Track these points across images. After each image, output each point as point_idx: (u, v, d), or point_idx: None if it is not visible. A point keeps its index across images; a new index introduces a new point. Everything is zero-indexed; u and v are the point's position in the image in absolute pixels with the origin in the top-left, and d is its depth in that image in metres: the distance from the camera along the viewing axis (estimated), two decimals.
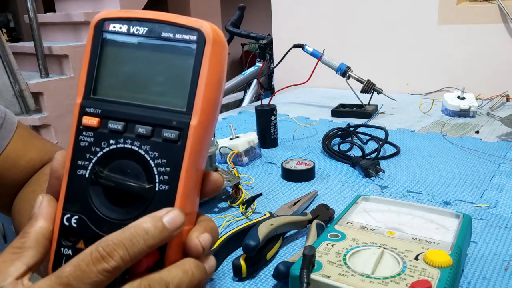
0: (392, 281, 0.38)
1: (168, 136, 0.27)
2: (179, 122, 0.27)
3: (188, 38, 0.27)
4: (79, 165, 0.28)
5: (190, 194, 0.28)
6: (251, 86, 2.00)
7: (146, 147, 0.28)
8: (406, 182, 0.72)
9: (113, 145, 0.28)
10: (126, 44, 0.29)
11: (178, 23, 0.28)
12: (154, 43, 0.28)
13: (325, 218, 0.57)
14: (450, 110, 1.11)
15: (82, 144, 0.28)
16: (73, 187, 0.29)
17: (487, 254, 0.51)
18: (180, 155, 0.27)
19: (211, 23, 0.28)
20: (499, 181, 0.70)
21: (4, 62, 2.17)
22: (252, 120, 1.15)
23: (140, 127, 0.28)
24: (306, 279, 0.38)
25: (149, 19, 0.28)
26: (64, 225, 0.29)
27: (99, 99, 0.29)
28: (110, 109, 0.28)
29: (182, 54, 0.28)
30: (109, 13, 0.29)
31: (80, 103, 0.29)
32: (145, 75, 0.28)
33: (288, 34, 1.65)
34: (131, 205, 0.28)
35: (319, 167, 0.79)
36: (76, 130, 0.29)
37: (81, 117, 0.29)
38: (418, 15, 1.41)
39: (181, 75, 0.28)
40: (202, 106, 0.27)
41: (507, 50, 1.29)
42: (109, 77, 0.29)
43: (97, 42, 0.29)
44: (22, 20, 3.38)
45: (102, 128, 0.28)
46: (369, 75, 1.21)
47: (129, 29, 0.28)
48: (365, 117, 1.14)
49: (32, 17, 2.32)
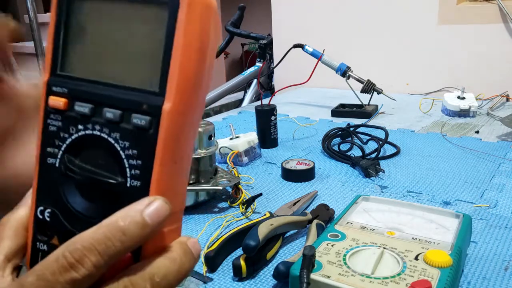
0: (392, 281, 0.38)
1: (138, 123, 0.23)
2: (150, 106, 0.22)
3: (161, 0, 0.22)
4: (49, 153, 0.25)
5: (167, 191, 0.23)
6: (251, 86, 2.00)
7: (116, 134, 0.23)
8: (406, 182, 0.72)
9: (81, 131, 0.24)
10: (94, 8, 0.24)
11: None
12: (122, 6, 0.23)
13: (325, 218, 0.57)
14: (450, 110, 1.11)
15: (50, 128, 0.25)
16: (44, 177, 0.25)
17: (487, 254, 0.51)
18: (152, 146, 0.23)
19: None
20: (499, 181, 0.70)
21: None
22: (252, 120, 1.15)
23: (108, 111, 0.23)
24: (306, 279, 0.38)
25: None
26: (38, 218, 0.26)
27: (66, 75, 0.25)
28: (76, 88, 0.24)
29: (154, 20, 0.22)
30: None
31: (47, 80, 0.25)
32: (115, 47, 0.24)
33: (288, 34, 1.65)
34: (104, 200, 0.24)
35: (319, 167, 0.79)
36: (44, 112, 0.25)
37: (48, 96, 0.25)
38: (418, 15, 1.41)
39: (153, 48, 0.22)
40: (177, 86, 0.22)
41: (507, 50, 1.29)
42: (76, 50, 0.25)
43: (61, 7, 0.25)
44: (22, 20, 3.38)
45: (70, 111, 0.24)
46: (369, 75, 1.21)
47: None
48: (365, 117, 1.14)
49: (32, 17, 2.32)
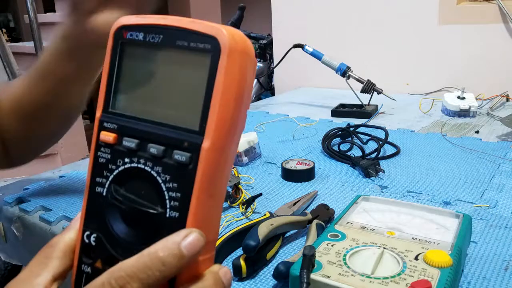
0: (392, 281, 0.38)
1: (179, 159, 0.25)
2: (191, 144, 0.25)
3: (203, 46, 0.24)
4: (98, 182, 0.28)
5: (203, 223, 0.25)
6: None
7: (158, 168, 0.26)
8: (406, 182, 0.72)
9: (127, 163, 0.27)
10: (143, 54, 0.27)
11: (192, 29, 0.25)
12: (169, 52, 0.26)
13: (325, 218, 0.57)
14: (450, 110, 1.11)
15: (100, 160, 0.28)
16: (92, 204, 0.28)
17: (487, 254, 0.51)
18: (190, 180, 0.24)
19: (232, 28, 0.25)
20: (499, 181, 0.70)
21: (4, 62, 2.17)
22: (252, 120, 1.15)
23: (152, 147, 0.26)
24: (306, 279, 0.38)
25: (164, 25, 0.26)
26: (84, 241, 0.28)
27: (116, 113, 0.27)
28: (125, 125, 0.27)
29: (197, 65, 0.25)
30: (126, 20, 0.27)
31: (99, 117, 0.28)
32: (160, 88, 0.26)
33: (288, 34, 1.65)
34: (145, 228, 0.26)
35: (319, 167, 0.79)
36: (96, 145, 0.28)
37: (100, 132, 0.28)
38: (418, 15, 1.41)
39: (194, 90, 0.25)
40: (216, 127, 0.24)
41: (507, 50, 1.29)
42: (126, 90, 0.28)
43: (115, 52, 0.27)
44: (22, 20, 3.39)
45: (118, 145, 0.27)
46: (369, 75, 1.21)
47: (145, 37, 0.26)
48: (365, 117, 1.14)
49: (32, 17, 2.32)
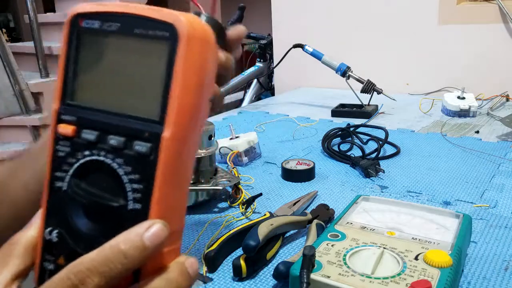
0: (392, 281, 0.38)
1: (140, 149, 0.24)
2: (151, 134, 0.24)
3: (161, 34, 0.24)
4: (57, 177, 0.27)
5: (167, 214, 0.25)
6: (251, 86, 2.00)
7: (119, 160, 0.25)
8: (406, 182, 0.72)
9: (87, 156, 0.26)
10: (99, 42, 0.26)
11: (149, 16, 0.24)
12: (127, 40, 0.25)
13: (325, 218, 0.57)
14: (450, 110, 1.11)
15: (59, 154, 0.27)
16: (52, 199, 0.27)
17: (487, 254, 0.51)
18: (152, 171, 0.24)
19: (190, 15, 0.24)
20: (499, 181, 0.70)
21: (4, 62, 2.17)
22: (252, 120, 1.15)
23: (112, 138, 0.25)
24: (306, 279, 0.38)
25: (122, 13, 0.25)
26: (46, 238, 0.27)
27: (75, 105, 0.26)
28: (84, 116, 0.26)
29: (155, 53, 0.24)
30: (83, 7, 0.26)
31: (57, 109, 0.27)
32: (119, 78, 0.26)
33: (288, 34, 1.65)
34: (107, 221, 0.25)
35: (319, 167, 0.79)
36: (54, 138, 0.27)
37: (57, 124, 0.27)
38: (418, 15, 1.41)
39: (153, 79, 0.24)
40: (176, 116, 0.24)
41: (507, 50, 1.29)
42: (84, 81, 0.27)
43: (71, 41, 0.26)
44: (22, 20, 3.39)
45: (77, 138, 0.26)
46: (369, 75, 1.21)
47: (102, 25, 0.25)
48: (365, 117, 1.14)
49: (32, 17, 2.32)
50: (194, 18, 0.24)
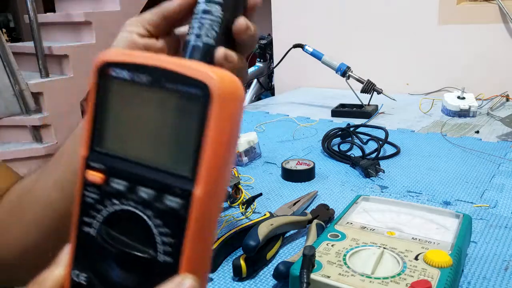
0: (392, 281, 0.38)
1: (171, 205, 0.24)
2: (182, 190, 0.24)
3: (193, 91, 0.24)
4: (85, 222, 0.27)
5: (196, 267, 0.25)
6: (251, 86, 2.00)
7: (149, 212, 0.25)
8: (406, 182, 0.72)
9: (117, 205, 0.26)
10: (129, 92, 0.26)
11: (181, 72, 0.24)
12: (157, 93, 0.25)
13: (325, 218, 0.57)
14: (450, 110, 1.11)
15: (87, 200, 0.27)
16: (80, 243, 0.27)
17: (487, 254, 0.51)
18: (182, 226, 0.24)
19: (222, 70, 0.24)
20: (499, 181, 0.70)
21: (4, 62, 2.17)
22: (252, 120, 1.16)
23: (143, 190, 0.25)
24: (306, 279, 0.38)
25: (152, 66, 0.25)
26: (74, 281, 0.27)
27: (103, 152, 0.27)
28: (113, 165, 0.26)
29: (186, 110, 0.24)
30: (111, 56, 0.26)
31: (85, 155, 0.27)
32: (148, 129, 0.26)
33: (288, 34, 1.65)
34: (137, 270, 0.25)
35: (319, 167, 0.79)
36: (82, 184, 0.27)
37: (86, 170, 0.27)
38: (418, 15, 1.41)
39: (185, 136, 0.24)
40: (207, 173, 0.24)
41: (507, 50, 1.29)
42: (113, 128, 0.27)
43: (100, 89, 0.26)
44: (22, 20, 3.39)
45: (106, 186, 0.26)
46: (369, 75, 1.21)
47: (131, 75, 0.25)
48: (365, 117, 1.14)
49: (32, 17, 2.32)
50: (225, 73, 0.24)
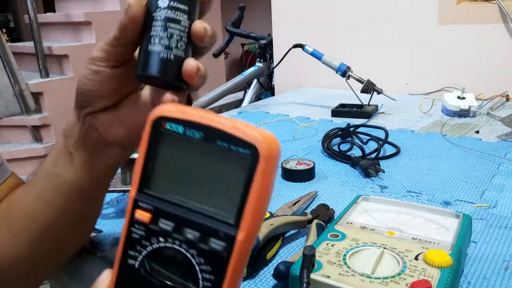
0: (392, 281, 0.38)
1: (215, 247, 0.28)
2: (226, 234, 0.27)
3: (243, 151, 0.27)
4: (130, 255, 0.30)
5: None
6: (251, 86, 2.00)
7: (193, 251, 0.28)
8: (406, 182, 0.72)
9: (162, 242, 0.29)
10: (181, 145, 0.29)
11: (234, 134, 0.27)
12: (208, 149, 0.28)
13: (325, 218, 0.57)
14: (450, 110, 1.11)
15: (133, 235, 0.30)
16: (123, 273, 0.30)
17: (487, 254, 0.51)
18: (224, 266, 0.27)
19: (268, 135, 0.28)
20: (499, 181, 0.70)
21: (4, 62, 2.18)
22: (252, 120, 1.16)
23: (189, 232, 0.28)
24: (306, 279, 0.38)
25: (206, 125, 0.28)
26: None
27: (152, 195, 0.30)
28: (161, 207, 0.29)
29: (235, 166, 0.27)
30: (166, 111, 0.29)
31: (134, 196, 0.30)
32: (197, 178, 0.29)
33: (288, 34, 1.65)
34: None
35: (319, 167, 0.79)
36: (129, 221, 0.30)
37: (134, 210, 0.30)
38: (418, 15, 1.41)
39: (232, 187, 0.28)
40: (250, 221, 0.27)
41: (507, 50, 1.29)
42: (163, 174, 0.30)
43: (154, 138, 0.30)
44: (22, 20, 3.39)
45: (153, 225, 0.29)
46: (369, 75, 1.21)
47: (185, 131, 0.29)
48: (365, 117, 1.14)
49: (32, 17, 2.32)
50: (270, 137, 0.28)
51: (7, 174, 0.52)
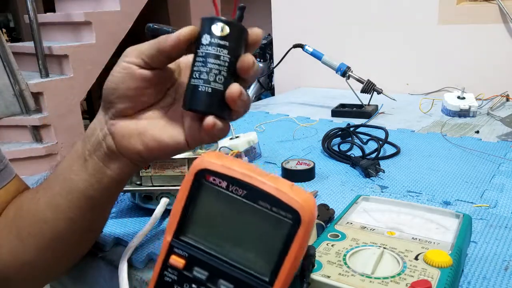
0: (392, 281, 0.38)
1: None
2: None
3: (285, 214, 0.28)
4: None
5: None
6: (251, 86, 2.00)
7: None
8: (406, 182, 0.72)
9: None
10: (222, 198, 0.30)
11: (277, 197, 0.28)
12: (249, 206, 0.29)
13: (325, 218, 0.57)
14: (450, 110, 1.11)
15: (166, 278, 0.31)
16: None
17: (487, 254, 0.51)
18: None
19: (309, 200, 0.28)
20: (499, 181, 0.70)
21: (4, 62, 2.17)
22: (252, 120, 1.15)
23: (223, 283, 0.29)
24: (306, 279, 0.38)
25: (250, 184, 0.29)
26: None
27: (188, 242, 0.30)
28: (197, 256, 0.30)
29: (275, 227, 0.28)
30: (211, 164, 0.30)
31: (170, 241, 0.31)
32: (235, 232, 0.30)
33: (288, 34, 1.65)
34: None
35: (319, 167, 0.79)
36: (163, 264, 0.31)
37: (169, 255, 0.31)
38: (418, 15, 1.41)
39: (270, 246, 0.28)
40: (283, 281, 0.28)
41: (507, 50, 1.29)
42: (201, 224, 0.31)
43: (195, 188, 0.30)
44: (22, 20, 3.39)
45: (186, 271, 0.30)
46: (369, 75, 1.21)
47: (228, 186, 0.29)
48: (365, 117, 1.14)
49: (32, 17, 2.32)
50: (311, 200, 0.29)
51: (12, 176, 0.52)
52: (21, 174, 0.55)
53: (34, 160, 2.25)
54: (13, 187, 0.52)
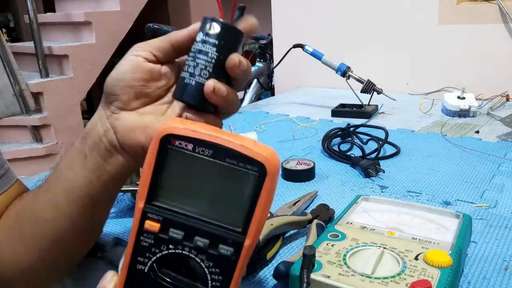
0: (392, 281, 0.38)
1: (224, 252, 0.31)
2: (235, 241, 0.30)
3: (251, 168, 0.30)
4: (139, 261, 0.32)
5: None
6: (251, 86, 2.00)
7: (203, 256, 0.31)
8: (406, 182, 0.72)
9: (172, 249, 0.31)
10: (189, 160, 0.31)
11: (243, 153, 0.30)
12: (217, 164, 0.30)
13: (325, 218, 0.57)
14: (450, 110, 1.11)
15: (142, 243, 0.32)
16: (132, 278, 0.32)
17: (487, 254, 0.51)
18: (232, 269, 0.31)
19: (272, 153, 0.30)
20: (499, 181, 0.70)
21: (4, 62, 2.17)
22: (252, 120, 1.16)
23: (199, 240, 0.31)
24: (306, 279, 0.38)
25: (216, 143, 0.30)
26: None
27: (161, 206, 0.32)
28: (171, 218, 0.31)
29: (243, 181, 0.30)
30: (174, 129, 0.31)
31: (142, 208, 0.32)
32: (205, 191, 0.31)
33: (288, 34, 1.65)
34: None
35: (319, 167, 0.79)
36: (138, 230, 0.32)
37: (143, 221, 0.32)
38: (418, 15, 1.41)
39: (239, 200, 0.30)
40: (255, 229, 0.30)
41: (507, 50, 1.29)
42: (171, 187, 0.32)
43: (162, 154, 0.31)
44: (22, 20, 3.39)
45: (162, 233, 0.31)
46: (369, 75, 1.21)
47: (194, 148, 0.31)
48: (365, 117, 1.14)
49: (32, 17, 2.32)
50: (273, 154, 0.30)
51: (13, 181, 0.52)
52: (21, 174, 0.55)
53: (34, 160, 2.25)
54: (14, 192, 0.52)
